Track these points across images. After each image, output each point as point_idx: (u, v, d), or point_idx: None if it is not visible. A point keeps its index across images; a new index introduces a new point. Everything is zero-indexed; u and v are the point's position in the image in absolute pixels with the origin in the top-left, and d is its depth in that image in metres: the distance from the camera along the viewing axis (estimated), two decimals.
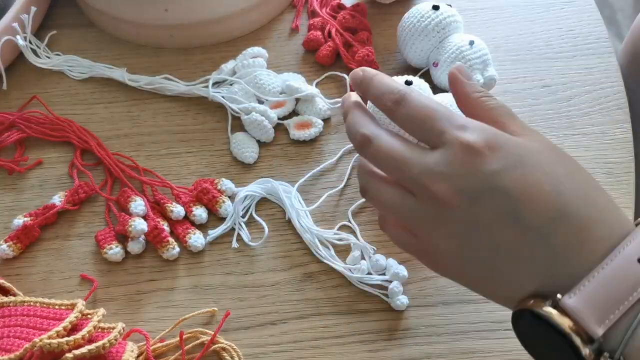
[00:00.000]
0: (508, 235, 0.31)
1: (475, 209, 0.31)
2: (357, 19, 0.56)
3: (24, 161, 0.50)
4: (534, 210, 0.30)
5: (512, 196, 0.30)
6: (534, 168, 0.31)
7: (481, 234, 0.31)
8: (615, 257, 0.29)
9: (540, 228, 0.30)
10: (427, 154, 0.33)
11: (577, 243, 0.30)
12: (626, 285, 0.28)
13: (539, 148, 0.32)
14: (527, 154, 0.31)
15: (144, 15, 0.54)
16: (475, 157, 0.31)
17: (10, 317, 0.40)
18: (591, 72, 0.54)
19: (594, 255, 0.29)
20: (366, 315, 0.42)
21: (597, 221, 0.30)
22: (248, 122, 0.50)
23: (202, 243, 0.45)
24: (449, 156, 0.32)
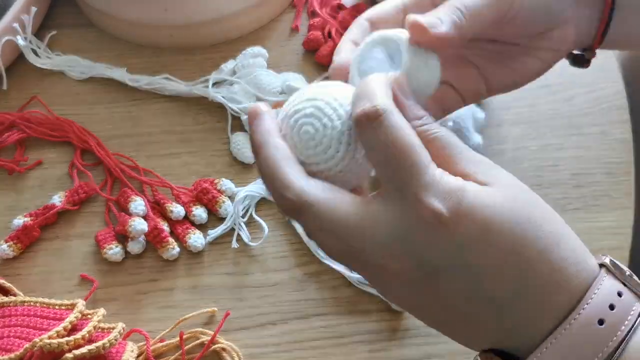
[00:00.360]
0: (467, 307, 0.29)
1: (433, 281, 0.28)
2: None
3: (24, 161, 0.50)
4: (494, 286, 0.28)
5: (473, 272, 0.28)
6: (498, 237, 0.27)
7: (441, 301, 0.29)
8: (573, 322, 0.27)
9: (502, 301, 0.28)
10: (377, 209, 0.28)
11: (538, 311, 0.28)
12: (587, 351, 0.27)
13: (502, 207, 0.28)
14: (492, 218, 0.27)
15: (144, 15, 0.54)
16: (438, 228, 0.27)
17: (11, 317, 0.40)
18: (591, 72, 0.53)
19: (555, 319, 0.28)
20: (366, 316, 0.42)
21: (559, 286, 0.28)
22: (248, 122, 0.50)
23: (202, 243, 0.45)
24: (409, 220, 0.28)
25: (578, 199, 0.47)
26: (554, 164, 0.49)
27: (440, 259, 0.28)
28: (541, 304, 0.28)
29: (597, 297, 0.28)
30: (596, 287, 0.28)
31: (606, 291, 0.28)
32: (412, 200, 0.27)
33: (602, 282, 0.28)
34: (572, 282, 0.28)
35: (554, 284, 0.28)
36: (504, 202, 0.28)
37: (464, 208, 0.27)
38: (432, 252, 0.28)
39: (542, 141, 0.50)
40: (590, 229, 0.45)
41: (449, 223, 0.27)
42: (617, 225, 0.46)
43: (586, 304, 0.27)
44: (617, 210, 0.46)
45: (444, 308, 0.29)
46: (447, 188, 0.27)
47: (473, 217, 0.27)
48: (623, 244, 0.45)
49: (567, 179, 0.48)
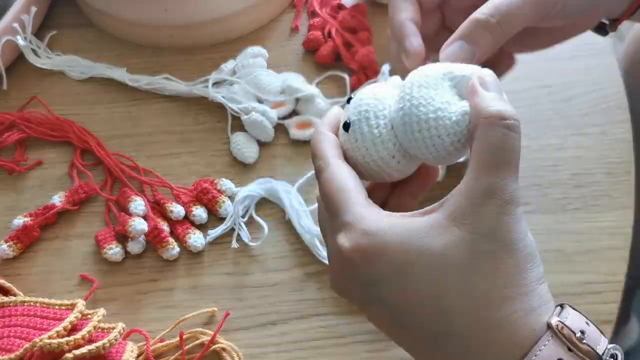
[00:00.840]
0: (399, 334, 0.30)
1: (362, 307, 0.31)
2: (357, 19, 0.56)
3: (24, 161, 0.50)
4: (417, 323, 0.28)
5: (392, 308, 0.28)
6: (418, 280, 0.27)
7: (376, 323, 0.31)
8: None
9: (427, 339, 0.28)
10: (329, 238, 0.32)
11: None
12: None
13: (439, 251, 0.27)
14: (415, 262, 0.27)
15: (144, 15, 0.54)
16: (349, 264, 0.29)
17: (11, 317, 0.40)
18: (591, 72, 0.54)
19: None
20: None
21: (484, 342, 0.27)
22: (248, 122, 0.50)
23: (202, 243, 0.45)
24: (332, 257, 0.31)
25: (578, 199, 0.47)
26: (554, 164, 0.49)
27: (358, 291, 0.30)
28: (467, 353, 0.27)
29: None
30: (534, 354, 0.26)
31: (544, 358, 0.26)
32: (333, 238, 0.30)
33: (541, 348, 0.26)
34: (503, 346, 0.27)
35: (480, 343, 0.27)
36: (442, 249, 0.27)
37: (378, 249, 0.28)
38: (351, 284, 0.30)
39: (542, 141, 0.50)
40: (590, 229, 0.45)
41: (356, 260, 0.29)
42: (617, 225, 0.46)
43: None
44: (617, 210, 0.46)
45: (383, 329, 0.31)
46: (367, 229, 0.29)
47: (388, 258, 0.28)
48: (623, 244, 0.45)
49: (567, 179, 0.48)
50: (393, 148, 0.32)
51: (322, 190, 0.31)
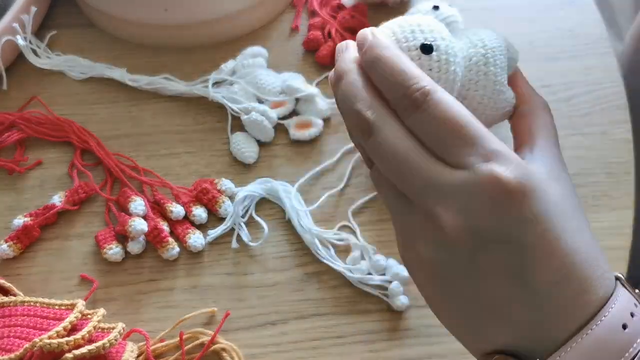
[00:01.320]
0: (502, 290, 0.27)
1: (479, 254, 0.27)
2: (357, 19, 0.56)
3: (24, 161, 0.50)
4: (542, 271, 0.27)
5: (527, 252, 0.27)
6: (558, 221, 0.27)
7: (472, 281, 0.28)
8: (599, 323, 0.27)
9: (542, 289, 0.27)
10: (445, 170, 0.27)
11: (570, 307, 0.27)
12: (609, 355, 0.27)
13: (558, 194, 0.28)
14: (555, 202, 0.27)
15: (144, 15, 0.54)
16: (506, 197, 0.26)
17: (11, 317, 0.40)
18: (591, 72, 0.54)
19: (580, 319, 0.27)
20: (366, 316, 0.42)
21: (595, 283, 0.28)
22: (248, 122, 0.50)
23: (201, 243, 0.45)
24: (473, 186, 0.26)
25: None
26: None
27: (496, 229, 0.27)
28: (575, 300, 0.27)
29: (619, 303, 0.28)
30: (618, 295, 0.28)
31: (625, 300, 0.28)
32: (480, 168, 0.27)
33: (621, 291, 0.28)
34: (599, 286, 0.28)
35: (590, 284, 0.28)
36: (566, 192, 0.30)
37: (535, 183, 0.27)
38: (490, 221, 0.27)
39: None
40: (590, 229, 0.45)
41: (517, 194, 0.26)
42: (617, 225, 0.46)
43: (610, 308, 0.27)
44: (617, 210, 0.46)
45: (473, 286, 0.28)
46: (519, 160, 0.27)
47: (541, 195, 0.27)
48: (623, 244, 0.45)
49: None
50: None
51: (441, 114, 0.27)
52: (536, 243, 0.27)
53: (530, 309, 0.27)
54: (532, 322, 0.27)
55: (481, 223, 0.27)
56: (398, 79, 0.28)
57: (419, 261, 0.29)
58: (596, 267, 0.28)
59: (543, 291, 0.27)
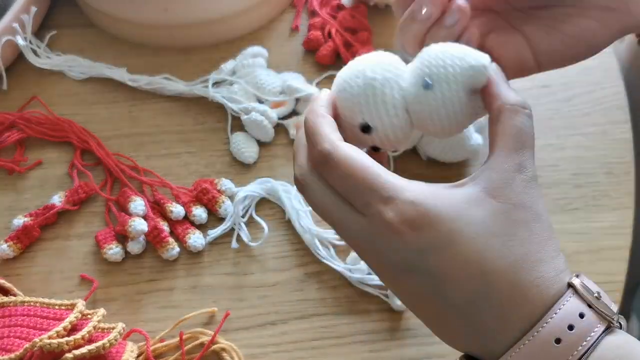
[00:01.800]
0: (431, 306, 0.31)
1: (399, 284, 0.31)
2: (357, 19, 0.56)
3: (24, 161, 0.50)
4: (455, 291, 0.29)
5: (435, 277, 0.29)
6: (463, 247, 0.29)
7: (408, 297, 0.32)
8: (531, 338, 0.28)
9: (462, 307, 0.29)
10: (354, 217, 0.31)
11: (497, 323, 0.29)
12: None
13: (481, 212, 0.29)
14: (459, 230, 0.29)
15: (144, 15, 0.54)
16: (394, 235, 0.29)
17: (11, 317, 0.40)
18: (591, 72, 0.54)
19: (514, 334, 0.29)
20: (366, 316, 0.42)
21: (522, 299, 0.29)
22: (248, 122, 0.50)
23: (201, 243, 0.45)
24: (372, 229, 0.30)
25: (578, 199, 0.47)
26: (554, 164, 0.49)
27: (399, 263, 0.30)
28: (500, 317, 0.29)
29: (557, 316, 0.28)
30: (558, 308, 0.28)
31: (567, 312, 0.28)
32: (374, 213, 0.30)
33: (565, 302, 0.29)
34: (535, 302, 0.29)
35: (514, 301, 0.29)
36: (483, 217, 0.29)
37: (427, 219, 0.29)
38: (391, 257, 0.30)
39: (542, 141, 0.50)
40: (590, 229, 0.45)
41: (405, 231, 0.29)
42: (617, 225, 0.46)
43: (545, 323, 0.28)
44: (617, 210, 0.46)
45: (418, 306, 0.32)
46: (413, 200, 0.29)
47: (437, 228, 0.29)
48: (623, 244, 0.45)
49: (567, 179, 0.48)
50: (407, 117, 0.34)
51: (340, 172, 0.31)
52: (440, 268, 0.29)
53: (461, 324, 0.30)
54: (468, 334, 0.30)
55: (386, 259, 0.30)
56: (311, 139, 0.32)
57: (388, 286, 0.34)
58: (529, 282, 0.29)
59: (463, 309, 0.29)
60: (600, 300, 0.29)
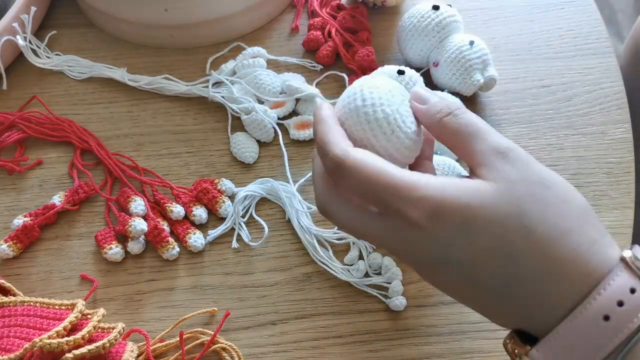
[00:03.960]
0: (471, 295, 0.31)
1: (434, 271, 0.32)
2: (357, 19, 0.56)
3: (24, 161, 0.50)
4: (488, 275, 0.30)
5: (463, 265, 0.30)
6: (482, 232, 0.29)
7: (447, 286, 0.32)
8: (580, 314, 0.28)
9: (498, 290, 0.30)
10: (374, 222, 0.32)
11: (537, 302, 0.29)
12: (589, 348, 0.27)
13: (490, 203, 0.29)
14: (473, 217, 0.29)
15: (144, 15, 0.54)
16: (417, 231, 0.30)
17: (10, 317, 0.40)
18: (591, 72, 0.54)
19: (558, 310, 0.28)
20: (366, 315, 0.42)
21: (556, 277, 0.28)
22: (248, 122, 0.50)
23: (202, 243, 0.45)
24: (394, 229, 0.31)
25: None
26: (554, 164, 0.49)
27: (429, 256, 0.31)
28: (541, 296, 0.29)
29: (606, 292, 0.27)
30: (607, 282, 0.28)
31: (617, 286, 0.27)
32: (393, 213, 0.31)
33: (615, 277, 0.28)
34: (573, 277, 0.28)
35: (551, 278, 0.28)
36: (491, 199, 0.29)
37: (441, 211, 0.29)
38: (420, 252, 0.31)
39: (542, 141, 0.50)
40: None
41: (425, 224, 0.30)
42: (617, 225, 0.46)
43: (593, 299, 0.27)
44: (617, 210, 0.46)
45: (460, 295, 0.32)
46: (425, 195, 0.30)
47: (452, 217, 0.29)
48: (623, 244, 0.45)
49: (567, 178, 0.47)
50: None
51: (354, 176, 0.31)
52: (466, 256, 0.30)
53: (500, 304, 0.30)
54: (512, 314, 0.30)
55: (417, 255, 0.31)
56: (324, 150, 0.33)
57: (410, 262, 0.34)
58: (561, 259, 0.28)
59: (502, 291, 0.30)
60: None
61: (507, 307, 0.30)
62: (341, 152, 0.32)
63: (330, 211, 0.34)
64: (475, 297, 0.31)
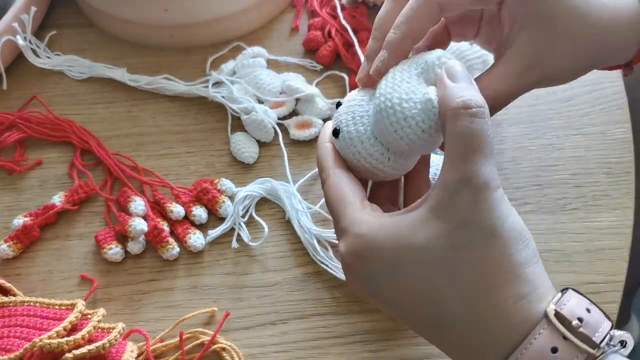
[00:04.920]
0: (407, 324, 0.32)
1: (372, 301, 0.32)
2: (357, 20, 0.56)
3: (24, 161, 0.50)
4: (414, 314, 0.30)
5: (390, 303, 0.31)
6: (409, 274, 0.29)
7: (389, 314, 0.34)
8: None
9: (431, 332, 0.30)
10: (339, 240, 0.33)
11: (468, 350, 0.29)
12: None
13: (420, 245, 0.28)
14: (403, 258, 0.29)
15: (144, 15, 0.54)
16: (346, 265, 0.31)
17: (10, 317, 0.40)
18: (591, 72, 0.53)
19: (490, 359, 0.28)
20: (366, 316, 0.42)
21: (482, 329, 0.28)
22: (248, 122, 0.50)
23: (202, 243, 0.45)
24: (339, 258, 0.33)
25: (578, 199, 0.47)
26: (554, 164, 0.49)
27: (362, 287, 0.31)
28: (468, 341, 0.28)
29: (527, 352, 0.26)
30: (529, 342, 0.27)
31: (538, 347, 0.26)
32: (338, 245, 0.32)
33: (537, 335, 0.27)
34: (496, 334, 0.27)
35: (476, 328, 0.28)
36: (424, 242, 0.28)
37: (369, 250, 0.30)
38: (354, 282, 0.32)
39: (542, 141, 0.50)
40: (590, 229, 0.45)
41: (353, 261, 0.31)
42: (617, 225, 0.46)
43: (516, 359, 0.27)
44: (617, 210, 0.46)
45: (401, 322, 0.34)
46: (357, 232, 0.30)
47: (379, 257, 0.30)
48: (623, 244, 0.45)
49: (567, 179, 0.48)
50: (381, 146, 0.33)
51: (326, 200, 0.33)
52: (392, 294, 0.30)
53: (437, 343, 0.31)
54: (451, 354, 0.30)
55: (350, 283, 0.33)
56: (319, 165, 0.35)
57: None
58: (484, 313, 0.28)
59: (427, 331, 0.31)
60: (580, 329, 0.27)
61: (446, 349, 0.30)
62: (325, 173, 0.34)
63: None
64: (410, 326, 0.32)
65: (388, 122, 0.31)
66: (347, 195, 0.32)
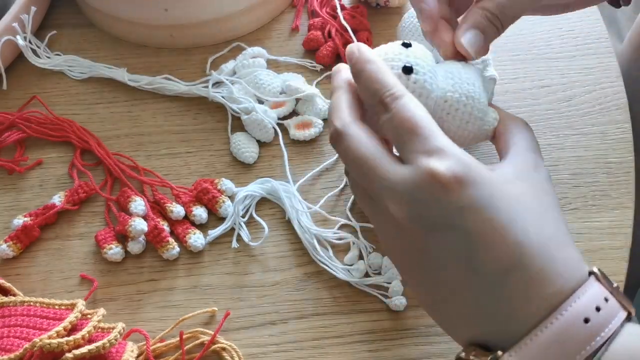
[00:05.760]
0: (455, 274, 0.30)
1: (430, 240, 0.30)
2: (357, 19, 0.56)
3: (24, 161, 0.50)
4: (489, 257, 0.29)
5: (470, 238, 0.29)
6: (503, 213, 0.29)
7: (430, 263, 0.31)
8: (559, 316, 0.28)
9: (491, 276, 0.29)
10: (395, 167, 0.31)
11: (524, 298, 0.29)
12: (569, 348, 0.28)
13: (517, 189, 0.31)
14: (500, 195, 0.30)
15: (144, 15, 0.54)
16: (440, 188, 0.29)
17: (10, 317, 0.40)
18: (591, 72, 0.54)
19: (540, 312, 0.28)
20: (366, 315, 0.42)
21: (551, 276, 0.29)
22: (248, 122, 0.50)
23: (202, 243, 0.45)
24: (414, 179, 0.30)
25: (578, 199, 0.47)
26: (554, 164, 0.49)
27: (438, 217, 0.30)
28: (530, 291, 0.29)
29: (585, 297, 0.28)
30: (585, 289, 0.29)
31: (594, 294, 0.29)
32: (419, 163, 0.30)
33: (589, 287, 0.29)
34: (563, 280, 0.29)
35: (545, 276, 0.29)
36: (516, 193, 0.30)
37: (471, 177, 0.29)
38: (429, 208, 0.30)
39: (542, 141, 0.50)
40: (590, 229, 0.45)
41: (451, 185, 0.29)
42: (617, 225, 0.46)
43: (573, 302, 0.28)
44: (617, 210, 0.46)
45: (432, 272, 0.31)
46: (459, 157, 0.30)
47: (480, 187, 0.29)
48: (623, 244, 0.45)
49: (567, 179, 0.48)
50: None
51: (402, 114, 0.31)
52: (478, 229, 0.29)
53: (485, 296, 0.29)
54: (491, 309, 0.29)
55: (424, 212, 0.30)
56: (376, 87, 0.32)
57: (391, 255, 0.35)
58: (559, 261, 0.29)
59: (493, 279, 0.29)
60: (619, 290, 0.30)
61: (489, 299, 0.29)
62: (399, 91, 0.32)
63: (348, 136, 0.32)
64: (458, 281, 0.30)
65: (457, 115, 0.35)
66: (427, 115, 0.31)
